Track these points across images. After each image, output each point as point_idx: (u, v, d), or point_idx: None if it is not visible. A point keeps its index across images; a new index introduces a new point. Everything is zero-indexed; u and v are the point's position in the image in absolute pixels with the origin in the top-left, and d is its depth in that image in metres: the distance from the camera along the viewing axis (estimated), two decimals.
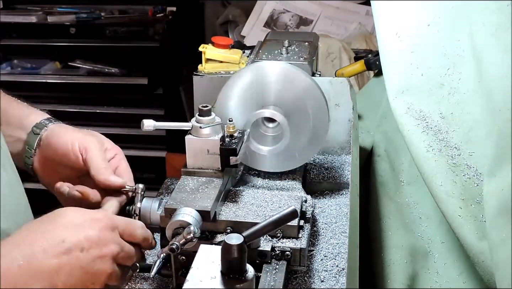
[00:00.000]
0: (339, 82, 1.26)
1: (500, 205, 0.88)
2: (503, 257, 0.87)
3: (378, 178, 1.39)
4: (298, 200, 0.96)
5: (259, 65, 1.10)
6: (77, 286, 0.85)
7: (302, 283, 0.90)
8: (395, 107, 1.16)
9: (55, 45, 2.92)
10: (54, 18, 2.94)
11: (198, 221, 0.87)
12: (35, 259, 0.81)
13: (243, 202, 0.97)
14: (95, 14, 2.96)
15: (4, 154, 0.95)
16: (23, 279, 0.80)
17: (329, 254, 0.97)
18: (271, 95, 1.08)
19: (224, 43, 1.28)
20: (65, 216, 0.88)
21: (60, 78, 2.96)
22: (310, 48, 1.28)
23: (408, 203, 1.28)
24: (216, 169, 0.99)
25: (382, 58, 1.22)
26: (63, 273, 0.83)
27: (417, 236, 1.24)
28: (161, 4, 3.00)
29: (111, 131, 2.95)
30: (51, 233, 0.85)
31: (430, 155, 1.08)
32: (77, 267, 0.84)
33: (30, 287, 0.81)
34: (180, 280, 0.90)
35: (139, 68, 2.92)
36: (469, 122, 1.03)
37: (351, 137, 1.27)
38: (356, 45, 2.57)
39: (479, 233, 1.00)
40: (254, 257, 0.87)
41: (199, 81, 1.27)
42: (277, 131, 1.11)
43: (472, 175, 1.02)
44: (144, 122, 0.95)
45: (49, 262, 0.82)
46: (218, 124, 0.99)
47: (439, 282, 1.18)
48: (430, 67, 1.11)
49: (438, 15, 1.11)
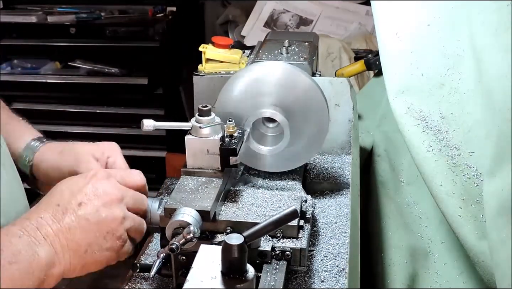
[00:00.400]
0: (339, 82, 1.26)
1: (500, 205, 0.88)
2: (503, 257, 0.87)
3: (378, 178, 1.40)
4: (298, 200, 0.96)
5: (259, 65, 1.10)
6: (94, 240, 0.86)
7: (302, 283, 0.90)
8: (395, 107, 1.16)
9: (55, 45, 2.92)
10: (54, 18, 2.94)
11: (198, 221, 0.87)
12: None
13: (242, 202, 0.97)
14: (95, 14, 2.96)
15: (4, 153, 0.95)
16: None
17: (329, 254, 0.97)
18: (271, 95, 1.08)
19: (224, 43, 1.28)
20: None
21: (60, 78, 2.96)
22: (310, 48, 1.28)
23: (408, 203, 1.28)
24: (216, 169, 0.99)
25: (382, 58, 1.22)
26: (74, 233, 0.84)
27: (417, 236, 1.24)
28: (161, 4, 3.00)
29: (111, 131, 2.96)
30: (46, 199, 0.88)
31: (430, 155, 1.08)
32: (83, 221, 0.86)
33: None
34: (180, 280, 0.90)
35: (139, 68, 2.92)
36: (469, 122, 1.03)
37: (351, 137, 1.27)
38: (356, 45, 2.58)
39: (479, 233, 1.00)
40: (255, 257, 0.87)
41: (199, 81, 1.27)
42: (277, 131, 1.11)
43: (472, 175, 1.02)
44: (144, 122, 0.95)
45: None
46: (218, 124, 0.99)
47: (439, 282, 1.18)
48: (430, 67, 1.11)
49: (438, 15, 1.11)
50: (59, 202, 0.87)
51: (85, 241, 0.86)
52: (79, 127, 3.03)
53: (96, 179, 0.91)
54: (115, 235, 0.89)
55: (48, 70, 2.98)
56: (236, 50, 1.31)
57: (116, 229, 0.89)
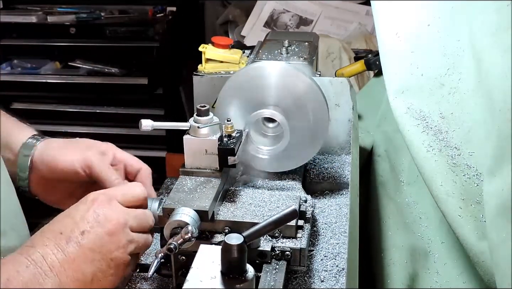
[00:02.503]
0: (339, 82, 1.26)
1: (500, 205, 0.88)
2: (503, 257, 0.87)
3: (378, 178, 1.39)
4: (296, 200, 0.96)
5: (259, 65, 1.09)
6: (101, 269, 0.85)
7: (302, 283, 0.90)
8: (395, 107, 1.16)
9: (55, 45, 2.91)
10: (54, 18, 2.93)
11: (196, 221, 0.87)
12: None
13: (241, 202, 0.97)
14: (95, 14, 2.95)
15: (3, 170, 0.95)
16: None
17: (329, 254, 0.97)
18: (271, 95, 1.08)
19: (224, 43, 1.28)
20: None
21: (60, 78, 2.95)
22: (310, 48, 1.28)
23: (408, 203, 1.28)
24: (214, 169, 0.99)
25: (382, 58, 1.22)
26: (78, 264, 0.83)
27: (417, 236, 1.24)
28: (161, 4, 3.00)
29: (111, 131, 2.96)
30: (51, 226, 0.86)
31: (430, 155, 1.08)
32: (86, 250, 0.84)
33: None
34: (180, 280, 0.90)
35: (139, 68, 2.92)
36: (469, 122, 1.03)
37: (351, 137, 1.27)
38: (356, 45, 2.57)
39: (479, 233, 1.00)
40: (254, 257, 0.87)
41: (199, 81, 1.27)
42: (277, 131, 1.11)
43: (472, 175, 1.02)
44: (142, 122, 0.94)
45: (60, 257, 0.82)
46: (216, 124, 0.99)
47: (439, 282, 1.18)
48: (430, 67, 1.11)
49: (438, 15, 1.11)
50: (61, 230, 0.85)
51: (90, 270, 0.84)
52: (79, 127, 3.03)
53: (98, 205, 0.88)
54: (120, 261, 0.87)
55: (48, 70, 2.97)
56: (236, 50, 1.31)
57: (120, 257, 0.87)
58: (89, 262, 0.84)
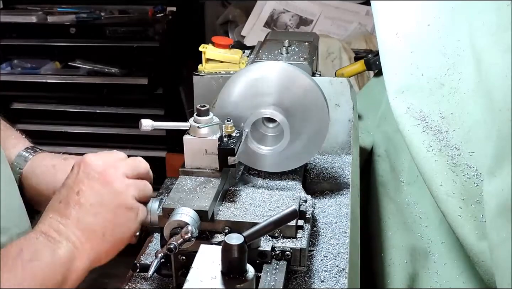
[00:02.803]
0: (339, 82, 1.26)
1: (500, 205, 0.88)
2: (503, 257, 0.87)
3: (378, 178, 1.39)
4: (296, 200, 0.96)
5: (259, 65, 1.09)
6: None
7: (302, 283, 0.90)
8: (395, 107, 1.16)
9: (55, 45, 2.92)
10: (54, 18, 2.93)
11: (196, 221, 0.87)
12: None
13: (241, 202, 0.97)
14: (95, 14, 2.96)
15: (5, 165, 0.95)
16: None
17: (329, 254, 0.97)
18: (271, 95, 1.08)
19: (224, 43, 1.28)
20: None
21: (60, 78, 2.96)
22: (310, 48, 1.28)
23: (408, 203, 1.28)
24: (214, 169, 0.99)
25: (382, 58, 1.22)
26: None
27: (417, 236, 1.24)
28: (161, 4, 3.00)
29: (111, 131, 2.96)
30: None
31: (430, 155, 1.08)
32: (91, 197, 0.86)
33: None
34: (180, 280, 0.90)
35: (139, 68, 2.92)
36: (469, 122, 1.03)
37: (351, 137, 1.27)
38: (356, 45, 2.57)
39: (479, 233, 1.00)
40: (254, 257, 0.87)
41: (199, 81, 1.27)
42: (277, 131, 1.11)
43: (472, 175, 1.02)
44: (142, 122, 0.95)
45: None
46: (216, 124, 0.99)
47: (439, 282, 1.18)
48: (430, 67, 1.11)
49: (438, 15, 1.11)
50: (60, 199, 0.87)
51: (98, 225, 0.85)
52: (79, 127, 3.03)
53: (84, 164, 0.89)
54: (124, 207, 0.88)
55: (48, 70, 2.98)
56: (236, 50, 1.31)
57: (123, 202, 0.88)
58: (93, 217, 0.85)
